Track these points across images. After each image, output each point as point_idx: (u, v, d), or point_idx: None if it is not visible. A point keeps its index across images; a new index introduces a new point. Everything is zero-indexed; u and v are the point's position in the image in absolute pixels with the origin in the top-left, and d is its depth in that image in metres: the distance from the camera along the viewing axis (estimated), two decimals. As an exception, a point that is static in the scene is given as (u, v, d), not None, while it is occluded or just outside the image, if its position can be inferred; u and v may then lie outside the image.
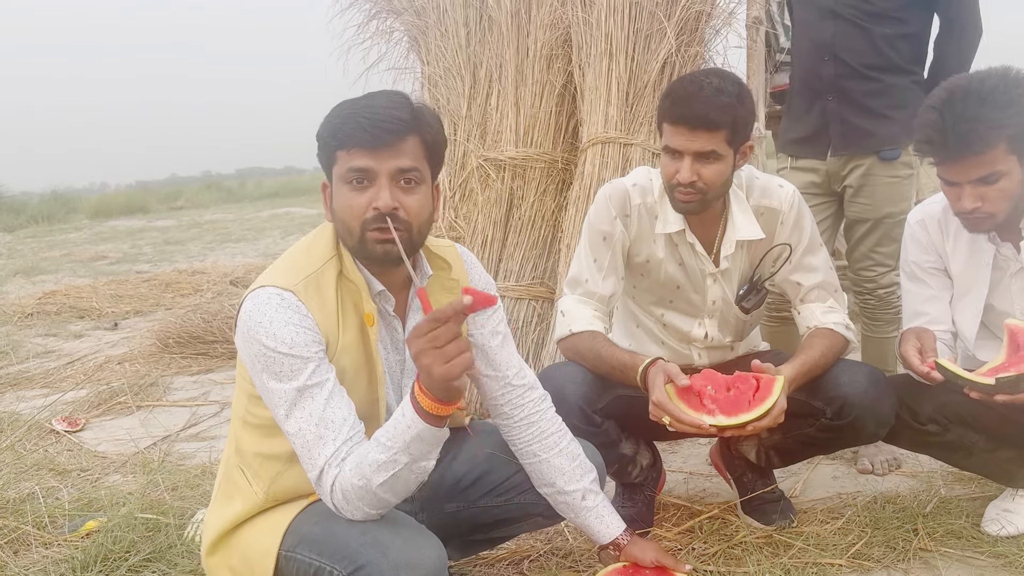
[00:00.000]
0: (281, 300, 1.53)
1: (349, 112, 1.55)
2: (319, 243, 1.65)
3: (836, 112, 2.67)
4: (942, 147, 1.86)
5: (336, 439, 1.51)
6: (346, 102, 1.58)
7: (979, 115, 1.81)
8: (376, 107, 1.54)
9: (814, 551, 2.10)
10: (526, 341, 3.31)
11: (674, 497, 2.50)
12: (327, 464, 1.51)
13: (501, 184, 3.47)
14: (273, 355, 1.51)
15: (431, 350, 1.38)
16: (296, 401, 1.52)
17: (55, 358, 4.86)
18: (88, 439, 3.40)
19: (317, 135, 1.60)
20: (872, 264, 2.73)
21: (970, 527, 2.17)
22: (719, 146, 1.96)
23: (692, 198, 2.00)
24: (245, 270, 7.38)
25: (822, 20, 2.64)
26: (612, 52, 3.24)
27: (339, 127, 1.55)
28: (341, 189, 1.57)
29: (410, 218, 1.56)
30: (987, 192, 1.87)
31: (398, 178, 1.55)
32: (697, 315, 2.24)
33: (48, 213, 16.42)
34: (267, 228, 12.76)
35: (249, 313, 1.54)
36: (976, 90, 1.83)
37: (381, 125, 1.52)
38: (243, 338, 1.56)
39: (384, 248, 1.55)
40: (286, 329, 1.52)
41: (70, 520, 2.46)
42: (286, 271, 1.59)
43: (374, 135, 1.52)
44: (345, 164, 1.54)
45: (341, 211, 1.57)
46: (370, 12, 3.96)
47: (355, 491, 1.49)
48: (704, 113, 1.92)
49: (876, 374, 2.10)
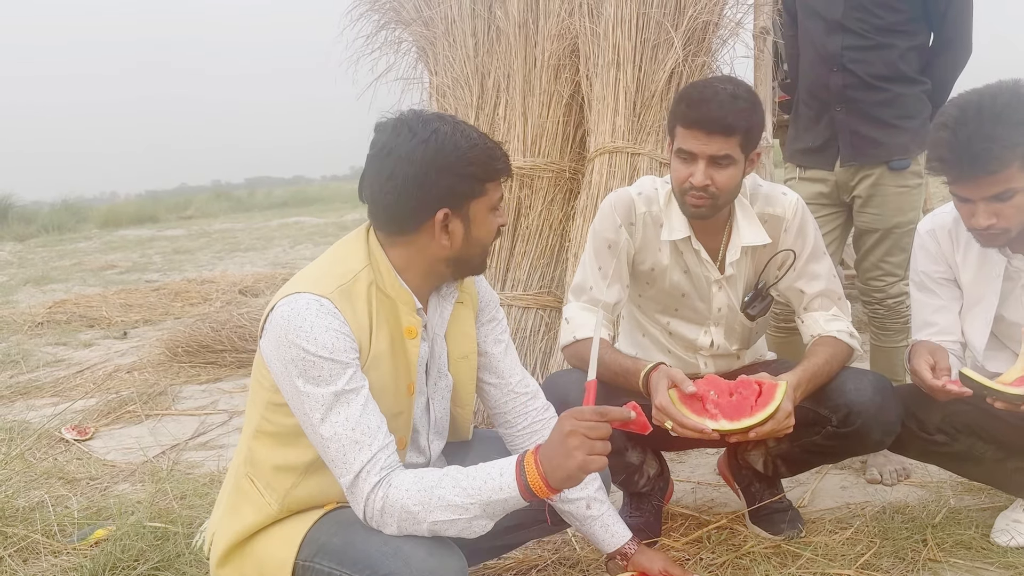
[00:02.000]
0: (320, 306, 1.54)
1: (491, 150, 1.63)
2: (351, 254, 1.66)
3: (845, 123, 2.67)
4: (956, 166, 1.84)
5: (372, 445, 1.52)
6: (467, 136, 1.61)
7: (993, 134, 1.78)
8: (499, 147, 1.66)
9: (822, 561, 2.09)
10: (534, 350, 3.31)
11: (682, 507, 2.50)
12: (364, 470, 1.51)
13: (508, 193, 3.48)
14: (313, 359, 1.51)
15: (583, 437, 1.44)
16: (332, 406, 1.52)
17: (65, 367, 4.89)
18: (97, 448, 3.41)
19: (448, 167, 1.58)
20: (881, 274, 2.73)
21: (980, 537, 2.16)
22: (733, 151, 1.96)
23: (704, 202, 2.01)
24: (254, 279, 7.40)
25: (830, 33, 2.65)
26: (619, 62, 3.25)
27: (491, 160, 1.62)
28: (487, 217, 1.66)
29: None
30: (1002, 209, 1.85)
31: None
32: (703, 323, 2.24)
33: (58, 222, 16.52)
34: (276, 237, 12.82)
35: (287, 318, 1.54)
36: (988, 107, 1.81)
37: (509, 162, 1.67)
38: (277, 343, 1.55)
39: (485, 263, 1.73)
40: (327, 334, 1.53)
41: (79, 529, 2.47)
42: (319, 279, 1.60)
43: (509, 170, 1.67)
44: (495, 194, 1.66)
45: (485, 236, 1.67)
46: (379, 23, 3.98)
47: (402, 512, 1.49)
48: (721, 117, 1.93)
49: (882, 382, 2.10)
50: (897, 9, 2.58)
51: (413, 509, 1.48)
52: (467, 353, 1.81)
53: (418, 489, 1.49)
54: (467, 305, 1.81)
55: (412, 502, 1.48)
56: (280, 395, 1.59)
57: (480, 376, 1.87)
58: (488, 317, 1.87)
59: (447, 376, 1.80)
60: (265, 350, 1.59)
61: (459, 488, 1.48)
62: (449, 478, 1.50)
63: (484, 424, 2.83)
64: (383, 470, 1.52)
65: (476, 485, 1.48)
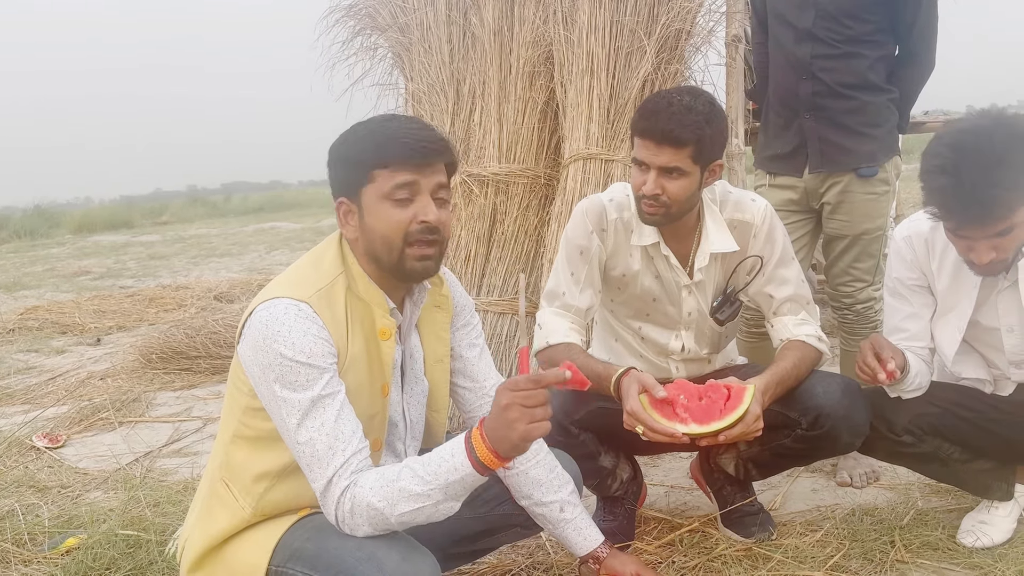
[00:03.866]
0: (299, 311, 1.55)
1: (388, 133, 1.59)
2: (326, 258, 1.66)
3: (814, 130, 2.70)
4: (960, 213, 1.81)
5: (346, 451, 1.53)
6: (366, 125, 1.62)
7: (996, 180, 1.73)
8: (412, 128, 1.60)
9: (793, 564, 2.12)
10: (509, 356, 3.33)
11: (655, 511, 2.52)
12: (336, 475, 1.51)
13: (484, 199, 3.50)
14: (290, 364, 1.52)
15: (520, 407, 1.42)
16: (309, 411, 1.52)
17: (36, 374, 4.84)
18: (69, 455, 3.38)
19: (340, 156, 1.62)
20: (850, 280, 2.76)
21: (946, 539, 2.19)
22: (683, 163, 1.99)
23: (656, 211, 2.04)
24: (229, 285, 7.36)
25: (799, 41, 2.68)
26: (593, 69, 3.28)
27: (380, 146, 1.58)
28: (381, 206, 1.59)
29: (444, 233, 1.63)
30: (1001, 243, 1.84)
31: (436, 193, 1.61)
32: (674, 327, 2.26)
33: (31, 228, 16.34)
34: (252, 243, 12.75)
35: (265, 323, 1.54)
36: (986, 150, 1.75)
37: (427, 144, 1.58)
38: (255, 347, 1.55)
39: (423, 264, 1.61)
40: (305, 339, 1.53)
41: (50, 537, 2.45)
42: (297, 283, 1.61)
43: (422, 153, 1.58)
44: (388, 181, 1.57)
45: (383, 227, 1.59)
46: (354, 29, 3.99)
47: (368, 511, 1.50)
48: (669, 129, 1.96)
49: (851, 385, 2.13)
50: (865, 20, 2.62)
51: (378, 505, 1.49)
52: (441, 357, 1.82)
53: (380, 485, 1.50)
54: (443, 309, 1.82)
55: (376, 499, 1.49)
56: (258, 400, 1.59)
57: (454, 380, 1.88)
58: (463, 322, 1.88)
59: (423, 380, 1.81)
60: (243, 355, 1.59)
61: (417, 477, 1.49)
62: (407, 469, 1.50)
63: (459, 429, 2.84)
64: (353, 474, 1.52)
65: (432, 470, 1.49)
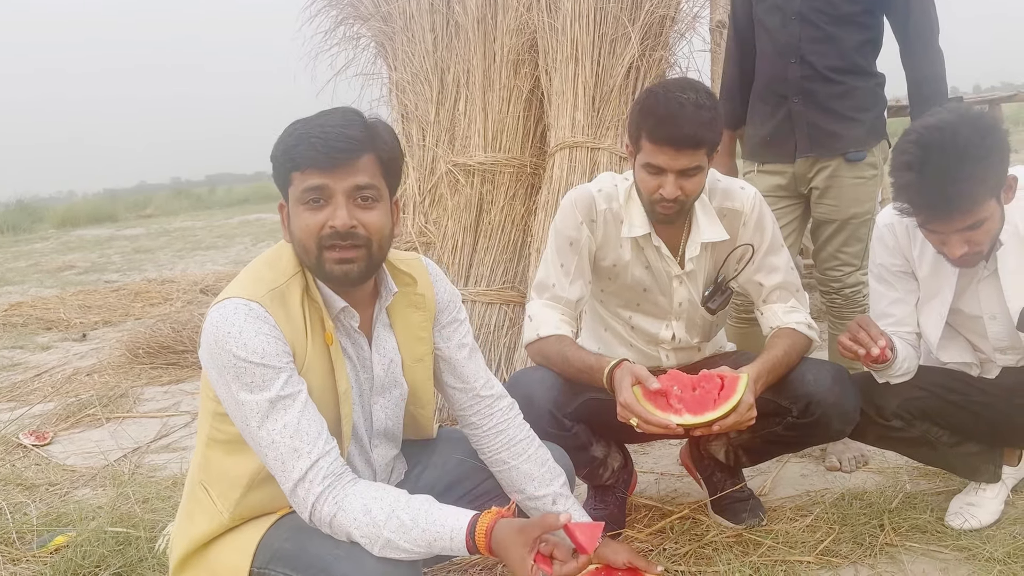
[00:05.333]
0: (249, 310, 1.52)
1: (302, 132, 1.53)
2: (282, 258, 1.62)
3: (802, 114, 2.70)
4: (926, 209, 1.83)
5: (312, 452, 1.50)
6: (299, 121, 1.57)
7: (961, 174, 1.76)
8: (328, 126, 1.52)
9: (783, 549, 2.13)
10: (497, 346, 3.32)
11: (645, 498, 2.53)
12: (304, 477, 1.50)
13: (471, 189, 3.48)
14: (244, 365, 1.49)
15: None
16: (269, 413, 1.50)
17: (22, 371, 4.80)
18: (56, 453, 3.36)
19: (271, 156, 1.58)
20: (838, 264, 2.77)
21: (935, 521, 2.21)
22: (701, 160, 1.99)
23: (673, 209, 2.04)
24: (215, 278, 7.32)
25: (787, 24, 2.67)
26: (578, 57, 3.26)
27: (292, 147, 1.53)
28: (297, 210, 1.55)
29: (370, 235, 1.55)
30: (972, 236, 1.86)
31: (355, 196, 1.54)
32: (664, 317, 2.26)
33: (13, 223, 16.19)
34: (237, 235, 12.68)
35: (216, 324, 1.51)
36: (951, 145, 1.77)
37: (334, 144, 1.51)
38: (210, 350, 1.53)
39: (343, 269, 1.55)
40: (256, 339, 1.50)
41: (38, 536, 2.43)
42: (250, 284, 1.57)
43: (328, 155, 1.51)
44: (300, 185, 1.53)
45: (298, 232, 1.56)
46: (337, 18, 3.96)
47: (347, 535, 1.50)
48: (692, 134, 1.93)
49: (841, 372, 2.13)
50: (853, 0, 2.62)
51: (360, 540, 1.49)
52: (422, 356, 1.78)
53: (366, 523, 1.48)
54: (420, 308, 1.77)
55: (359, 534, 1.49)
56: (222, 404, 1.57)
57: (444, 380, 1.85)
58: (449, 318, 1.83)
59: (402, 384, 1.77)
60: (202, 359, 1.57)
61: (407, 536, 1.48)
62: (397, 520, 1.48)
63: (449, 421, 2.84)
64: (326, 478, 1.50)
65: (424, 538, 1.48)
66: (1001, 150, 1.80)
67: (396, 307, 1.74)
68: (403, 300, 1.74)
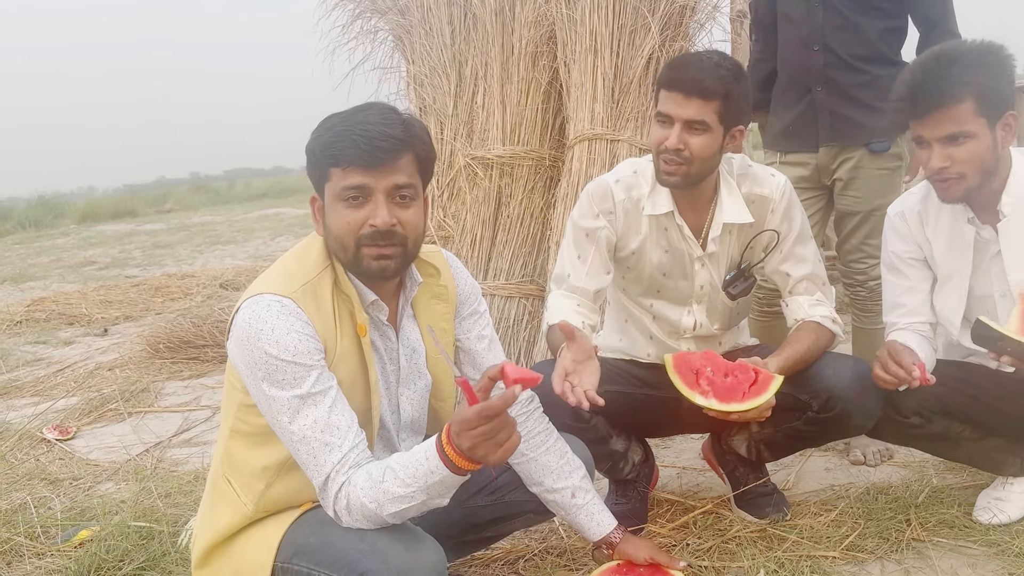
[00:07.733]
0: (282, 307, 1.53)
1: (342, 129, 1.54)
2: (312, 252, 1.64)
3: (825, 103, 2.68)
4: (911, 102, 1.92)
5: (342, 446, 1.52)
6: (336, 116, 1.58)
7: (948, 73, 1.88)
8: (369, 124, 1.53)
9: (808, 544, 2.11)
10: (517, 339, 3.31)
11: (667, 493, 2.51)
12: (334, 471, 1.51)
13: (489, 182, 3.46)
14: (276, 363, 1.50)
15: (484, 443, 1.40)
16: (300, 408, 1.51)
17: (45, 366, 4.84)
18: (80, 447, 3.39)
19: (307, 149, 1.59)
20: (863, 256, 2.74)
21: (962, 516, 2.18)
22: (709, 117, 1.97)
23: (676, 169, 2.02)
24: (235, 273, 7.34)
25: (811, 11, 2.65)
26: (597, 48, 3.23)
27: (332, 143, 1.54)
28: (335, 206, 1.56)
29: (407, 233, 1.58)
30: (955, 152, 1.91)
31: (394, 195, 1.56)
32: (686, 303, 2.24)
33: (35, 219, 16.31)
34: (256, 229, 12.72)
35: (248, 321, 1.52)
36: (949, 52, 1.93)
37: (377, 144, 1.52)
38: (241, 346, 1.53)
39: (380, 264, 1.57)
40: (289, 336, 1.51)
41: (63, 530, 2.45)
42: (281, 279, 1.58)
43: (371, 154, 1.52)
44: (340, 182, 1.54)
45: (336, 227, 1.57)
46: (354, 12, 3.94)
47: (362, 509, 1.50)
48: (699, 80, 1.95)
49: (862, 367, 2.11)
50: None
51: (370, 506, 1.49)
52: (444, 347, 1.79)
53: (370, 486, 1.49)
54: (443, 300, 1.78)
55: (367, 499, 1.49)
56: (250, 396, 1.58)
57: (464, 372, 1.86)
58: (470, 311, 1.85)
59: (426, 375, 1.79)
60: (231, 352, 1.58)
61: (399, 480, 1.48)
62: (390, 471, 1.49)
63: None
64: (352, 468, 1.52)
65: (411, 473, 1.47)
66: (996, 67, 1.90)
67: (420, 299, 1.75)
68: (427, 292, 1.76)
